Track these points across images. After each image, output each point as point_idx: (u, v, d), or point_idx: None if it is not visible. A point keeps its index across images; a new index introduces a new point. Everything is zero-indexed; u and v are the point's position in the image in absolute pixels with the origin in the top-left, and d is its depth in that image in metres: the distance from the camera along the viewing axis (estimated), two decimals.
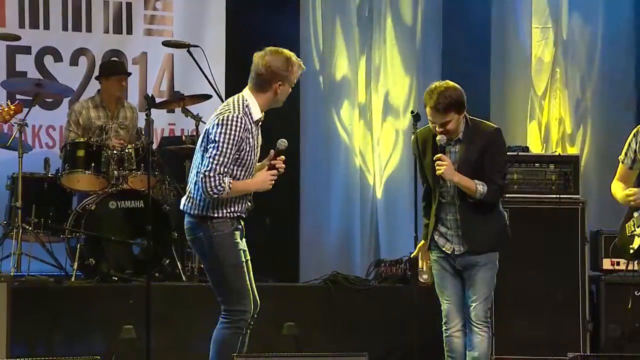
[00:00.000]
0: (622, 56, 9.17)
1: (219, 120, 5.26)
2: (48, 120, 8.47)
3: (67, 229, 7.46)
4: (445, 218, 5.85)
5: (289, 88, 5.43)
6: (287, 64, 5.39)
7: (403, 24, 9.16)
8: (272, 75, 5.37)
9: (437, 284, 5.97)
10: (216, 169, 5.18)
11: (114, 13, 8.63)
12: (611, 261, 7.54)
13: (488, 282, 5.85)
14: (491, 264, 5.87)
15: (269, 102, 5.41)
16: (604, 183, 8.70)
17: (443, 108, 5.71)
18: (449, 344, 5.93)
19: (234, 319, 5.33)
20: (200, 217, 5.31)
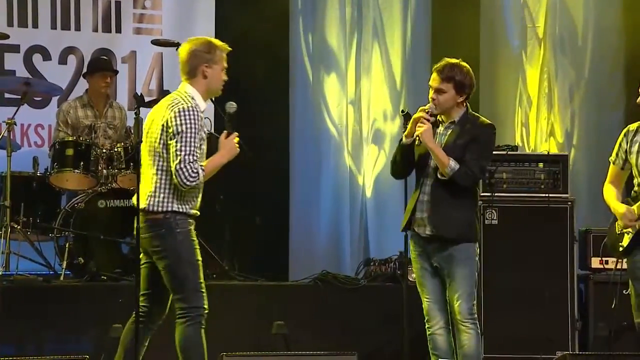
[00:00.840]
0: (610, 56, 9.18)
1: (175, 113, 5.30)
2: (37, 119, 8.44)
3: (56, 227, 7.44)
4: (421, 200, 5.85)
5: (220, 72, 5.50)
6: (208, 46, 5.47)
7: (392, 24, 9.14)
8: (196, 59, 5.43)
9: (418, 282, 5.96)
10: (186, 158, 5.24)
11: (103, 12, 8.60)
12: (600, 260, 7.54)
13: (467, 278, 5.81)
14: (469, 260, 5.81)
15: (204, 88, 5.47)
16: (592, 182, 8.73)
17: (444, 75, 5.76)
18: (432, 341, 5.90)
19: (192, 315, 5.35)
20: (162, 214, 5.33)
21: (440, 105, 5.80)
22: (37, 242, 7.53)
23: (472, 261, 5.83)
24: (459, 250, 5.80)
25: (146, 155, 5.41)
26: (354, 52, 9.09)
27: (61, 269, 7.31)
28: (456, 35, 8.85)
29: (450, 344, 5.89)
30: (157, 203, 5.34)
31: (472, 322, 5.82)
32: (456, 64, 5.83)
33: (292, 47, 8.98)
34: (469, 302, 5.81)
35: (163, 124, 5.32)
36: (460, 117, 5.85)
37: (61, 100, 8.28)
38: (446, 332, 5.86)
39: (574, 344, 7.31)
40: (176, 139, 5.27)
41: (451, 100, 5.82)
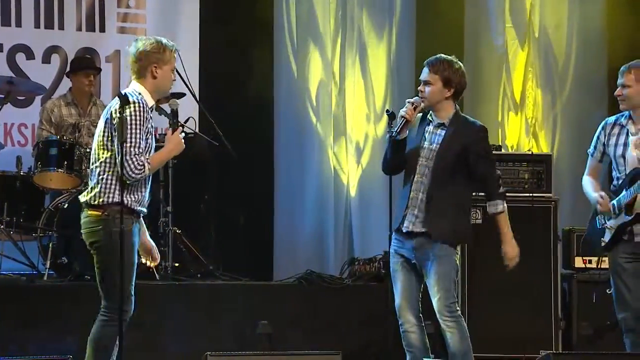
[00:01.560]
0: (593, 55, 9.20)
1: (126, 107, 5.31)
2: (20, 118, 8.39)
3: (40, 227, 7.40)
4: (413, 197, 5.82)
5: (169, 72, 5.50)
6: (158, 46, 5.46)
7: (376, 26, 9.12)
8: (146, 59, 5.44)
9: (392, 276, 5.91)
10: (131, 151, 5.25)
11: (86, 11, 8.56)
12: (583, 259, 7.56)
13: (445, 276, 5.76)
14: (447, 259, 5.77)
15: (153, 87, 5.46)
16: (576, 181, 8.68)
17: (432, 67, 5.78)
18: (405, 339, 5.84)
19: (112, 317, 5.35)
20: (102, 208, 5.33)
21: (427, 97, 5.80)
22: (20, 242, 7.48)
23: (450, 261, 5.80)
24: (439, 249, 5.78)
25: (94, 150, 5.45)
26: (339, 51, 9.06)
27: (45, 268, 7.27)
28: (440, 35, 8.84)
29: (424, 341, 5.85)
30: (97, 196, 5.35)
31: (452, 319, 5.78)
32: (447, 60, 5.84)
33: (276, 46, 8.95)
34: (446, 299, 5.77)
35: (107, 118, 5.37)
36: (451, 119, 5.84)
37: (45, 99, 8.24)
38: (419, 330, 5.82)
39: (558, 343, 7.32)
40: (121, 133, 5.27)
41: (438, 93, 5.81)
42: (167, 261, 7.56)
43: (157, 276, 7.42)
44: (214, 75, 8.68)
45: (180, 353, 6.84)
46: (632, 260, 5.89)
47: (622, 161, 5.94)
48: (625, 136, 5.96)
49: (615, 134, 5.99)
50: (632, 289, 5.87)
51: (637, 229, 5.86)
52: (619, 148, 5.95)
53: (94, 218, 5.36)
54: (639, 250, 5.87)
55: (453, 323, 5.75)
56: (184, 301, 7.26)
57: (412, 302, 5.83)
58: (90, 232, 5.38)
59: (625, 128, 5.97)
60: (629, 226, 5.87)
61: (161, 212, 7.71)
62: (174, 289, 7.37)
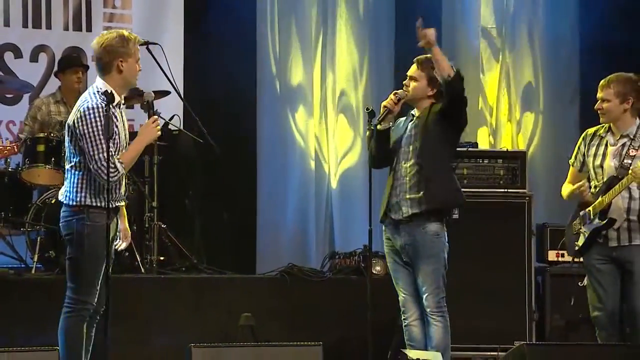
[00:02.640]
0: (566, 54, 9.23)
1: (80, 114, 5.31)
2: (8, 115, 8.37)
3: (28, 222, 7.38)
4: (395, 185, 5.86)
5: (135, 64, 5.44)
6: (122, 40, 5.40)
7: (355, 27, 9.13)
8: (111, 54, 5.38)
9: (392, 276, 6.00)
10: (101, 157, 5.24)
11: (73, 10, 8.53)
12: (556, 253, 7.62)
13: (434, 273, 5.84)
14: (435, 256, 5.85)
15: (119, 82, 5.41)
16: (550, 177, 8.80)
17: (420, 65, 5.89)
18: (408, 333, 5.94)
19: (77, 308, 5.36)
20: (76, 207, 5.36)
21: (411, 92, 5.87)
22: (8, 236, 7.47)
23: (440, 257, 5.86)
24: (426, 245, 5.83)
25: (67, 152, 5.47)
26: (320, 50, 9.07)
27: (32, 262, 7.24)
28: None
29: (425, 335, 5.92)
30: (71, 197, 5.38)
31: (439, 315, 5.85)
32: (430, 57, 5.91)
33: (259, 44, 8.94)
34: (435, 296, 5.84)
35: (70, 124, 5.36)
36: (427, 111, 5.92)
37: (32, 97, 8.21)
38: (421, 324, 5.89)
39: (531, 334, 7.34)
40: (84, 141, 5.29)
41: (422, 90, 5.89)
42: (152, 255, 7.55)
43: (143, 269, 7.43)
44: (198, 74, 8.68)
45: (164, 345, 6.84)
46: (606, 262, 5.95)
47: (600, 171, 5.99)
48: (604, 147, 6.00)
49: (594, 145, 6.04)
50: (607, 289, 5.92)
51: (611, 234, 5.92)
52: (598, 158, 6.00)
53: (69, 212, 5.40)
54: (612, 254, 5.93)
55: (440, 318, 5.84)
56: (169, 294, 7.26)
57: (415, 297, 5.89)
58: (64, 225, 5.42)
59: (605, 139, 6.02)
60: (603, 230, 5.92)
61: (146, 207, 7.70)
62: (159, 282, 7.37)
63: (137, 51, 5.48)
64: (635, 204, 5.90)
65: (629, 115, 5.96)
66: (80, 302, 5.36)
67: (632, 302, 5.87)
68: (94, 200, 5.36)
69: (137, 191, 7.65)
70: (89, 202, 5.34)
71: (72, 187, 5.39)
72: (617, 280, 5.92)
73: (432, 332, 5.85)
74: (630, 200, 5.90)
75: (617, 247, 5.92)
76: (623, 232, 5.91)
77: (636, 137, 5.93)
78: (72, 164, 5.41)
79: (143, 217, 7.68)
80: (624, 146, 5.94)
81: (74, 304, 5.37)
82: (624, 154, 5.90)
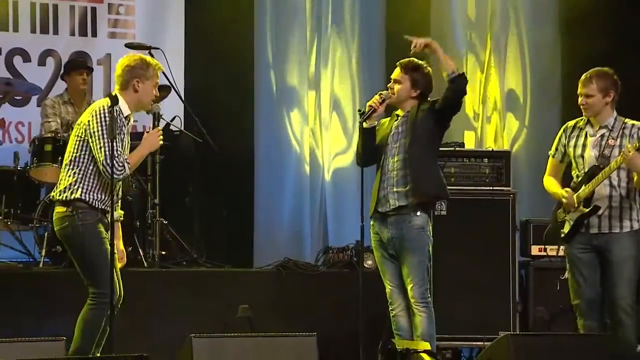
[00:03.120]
0: (548, 55, 9.22)
1: (94, 112, 5.38)
2: (17, 116, 8.35)
3: (36, 218, 7.36)
4: (383, 180, 5.86)
5: (150, 87, 5.52)
6: (142, 63, 5.51)
7: (346, 31, 9.10)
8: (130, 74, 5.48)
9: (380, 269, 6.01)
10: (108, 155, 5.27)
11: (79, 17, 8.52)
12: (539, 248, 7.58)
13: (418, 266, 5.84)
14: (420, 249, 5.85)
15: (133, 99, 5.51)
16: (533, 176, 8.79)
17: (403, 68, 5.91)
18: (395, 323, 5.93)
19: (99, 301, 5.38)
20: (67, 207, 5.38)
21: (395, 94, 5.88)
22: (17, 232, 7.46)
23: (424, 250, 5.86)
24: (411, 239, 5.82)
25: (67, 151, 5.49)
26: (314, 56, 9.05)
27: (40, 256, 7.22)
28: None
29: (412, 325, 5.91)
30: (63, 191, 5.40)
31: (424, 305, 5.84)
32: (418, 64, 5.93)
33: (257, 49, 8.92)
34: (420, 287, 5.83)
35: (85, 122, 5.41)
36: (415, 109, 5.92)
37: (40, 99, 8.20)
38: (407, 314, 5.89)
39: (515, 325, 7.32)
40: (94, 140, 5.34)
41: (405, 91, 5.91)
42: (154, 250, 7.53)
43: (145, 263, 7.41)
44: (198, 77, 8.65)
45: (166, 335, 6.82)
46: (587, 251, 5.93)
47: (581, 160, 5.99)
48: (584, 138, 6.01)
49: (574, 136, 6.05)
50: (587, 277, 5.91)
51: (592, 221, 5.91)
52: (578, 149, 6.01)
53: (60, 215, 5.43)
54: (593, 241, 5.91)
55: (424, 308, 5.83)
56: (170, 287, 7.24)
57: (402, 289, 5.88)
58: (59, 228, 5.46)
59: (584, 130, 6.02)
60: (586, 218, 5.91)
61: (149, 204, 7.68)
62: (161, 275, 7.35)
63: (156, 77, 5.57)
64: (616, 192, 5.89)
65: (608, 108, 5.97)
66: (100, 295, 5.39)
67: (610, 290, 5.85)
68: (85, 196, 5.37)
69: (140, 188, 7.63)
70: (79, 196, 5.36)
71: (63, 183, 5.42)
72: (596, 268, 5.91)
73: (417, 322, 5.85)
74: (611, 189, 5.90)
75: (597, 234, 5.91)
76: (604, 220, 5.90)
77: (614, 128, 5.94)
78: (70, 159, 5.44)
79: (145, 213, 7.66)
80: (603, 137, 5.95)
81: (98, 297, 5.41)
82: (603, 144, 5.91)
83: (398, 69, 5.96)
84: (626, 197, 5.87)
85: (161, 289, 7.19)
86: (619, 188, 5.88)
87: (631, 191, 5.90)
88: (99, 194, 5.41)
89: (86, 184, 5.40)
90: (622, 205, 5.87)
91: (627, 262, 5.83)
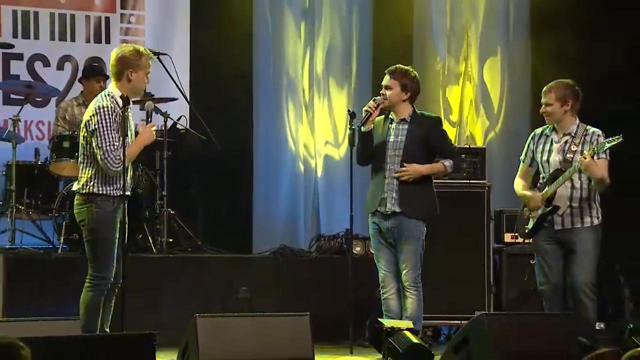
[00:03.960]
0: (520, 61, 9.21)
1: (94, 111, 5.34)
2: (38, 116, 8.33)
3: (54, 208, 7.36)
4: (388, 183, 5.89)
5: (143, 76, 5.45)
6: (135, 54, 5.42)
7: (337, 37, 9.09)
8: (123, 64, 5.40)
9: (375, 255, 6.02)
10: (108, 149, 5.27)
11: (94, 25, 8.50)
12: (511, 235, 7.62)
13: (414, 253, 5.88)
14: (417, 238, 5.90)
15: (128, 89, 5.42)
16: (505, 171, 8.80)
17: (392, 75, 5.93)
18: (386, 304, 5.94)
19: (96, 284, 5.38)
20: (87, 195, 5.38)
21: (387, 99, 5.90)
22: (38, 221, 7.45)
23: (420, 239, 5.91)
24: (410, 229, 5.86)
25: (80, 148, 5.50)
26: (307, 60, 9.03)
27: (59, 243, 7.22)
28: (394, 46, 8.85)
29: (401, 307, 5.93)
30: (83, 187, 5.40)
31: (415, 289, 5.88)
32: (405, 69, 5.98)
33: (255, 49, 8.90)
34: (414, 272, 5.87)
35: (86, 120, 5.39)
36: (411, 116, 5.95)
37: (59, 101, 8.18)
38: (397, 297, 5.91)
39: (490, 305, 7.36)
40: (95, 136, 5.32)
41: (397, 95, 5.93)
42: (162, 237, 7.53)
43: (154, 250, 7.41)
44: (202, 80, 8.65)
45: (173, 314, 6.83)
46: (551, 243, 5.97)
47: (546, 165, 6.02)
48: (549, 144, 6.04)
49: (542, 143, 6.08)
50: (552, 266, 5.95)
51: (555, 219, 5.94)
52: (545, 154, 6.04)
53: (80, 201, 5.43)
54: (557, 235, 5.95)
55: (416, 292, 5.87)
56: (177, 271, 7.25)
57: (394, 274, 5.91)
58: (78, 213, 5.46)
59: (550, 137, 6.04)
60: (549, 215, 5.94)
61: (157, 196, 7.68)
62: (168, 260, 7.36)
63: (148, 66, 5.49)
64: (577, 192, 5.92)
65: (569, 115, 5.99)
66: (99, 278, 5.38)
67: (574, 277, 5.89)
68: (101, 189, 5.36)
69: (149, 182, 7.63)
70: (96, 191, 5.36)
71: (83, 178, 5.42)
72: (560, 258, 5.95)
73: (407, 303, 5.86)
74: (572, 190, 5.92)
75: (561, 230, 5.94)
76: (566, 217, 5.93)
77: (577, 134, 5.97)
78: (84, 156, 5.44)
79: (154, 204, 7.66)
80: (567, 143, 5.97)
81: (94, 280, 5.40)
82: (566, 150, 5.93)
83: (387, 76, 5.96)
84: (586, 197, 5.91)
85: (168, 272, 7.19)
86: (580, 190, 5.91)
87: (592, 191, 5.93)
88: (113, 184, 5.40)
89: (101, 177, 5.38)
90: (581, 205, 5.90)
91: (588, 253, 5.87)
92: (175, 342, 5.40)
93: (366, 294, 6.67)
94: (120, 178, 5.40)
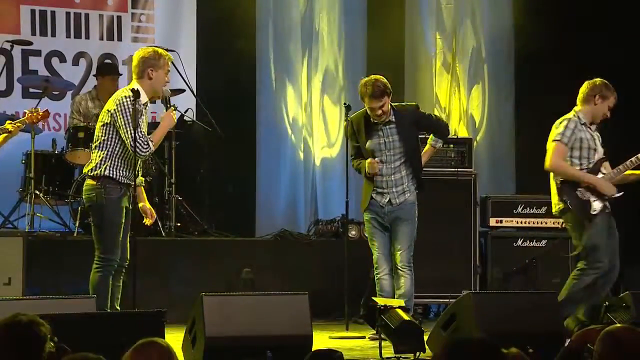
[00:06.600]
0: (503, 59, 9.20)
1: (118, 102, 5.38)
2: (55, 108, 8.30)
3: (70, 195, 7.37)
4: (383, 180, 5.91)
5: (163, 75, 5.50)
6: (155, 54, 5.49)
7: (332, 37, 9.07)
8: (144, 64, 5.46)
9: (370, 238, 6.02)
10: (137, 135, 5.31)
11: (107, 24, 8.50)
12: (496, 220, 7.64)
13: (409, 235, 5.90)
14: (411, 221, 5.92)
15: (148, 87, 5.49)
16: (490, 159, 8.83)
17: (379, 94, 5.78)
18: (380, 284, 5.95)
19: (103, 265, 5.40)
20: (96, 180, 5.38)
21: (387, 113, 5.87)
22: (55, 206, 7.47)
23: (413, 222, 5.93)
24: (404, 213, 5.88)
25: (95, 133, 5.52)
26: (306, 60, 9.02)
27: (75, 227, 7.24)
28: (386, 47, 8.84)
29: (393, 287, 5.94)
30: (94, 169, 5.41)
31: (409, 269, 5.90)
32: (374, 81, 5.85)
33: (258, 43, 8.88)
34: (408, 253, 5.89)
35: (108, 110, 5.42)
36: (393, 113, 5.93)
37: (74, 94, 8.18)
38: (390, 277, 5.92)
39: (476, 284, 7.38)
40: (121, 124, 5.34)
41: (388, 105, 5.90)
42: (170, 222, 7.54)
43: (163, 233, 7.42)
44: (208, 77, 8.64)
45: (180, 293, 6.86)
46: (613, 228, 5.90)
47: (593, 153, 5.89)
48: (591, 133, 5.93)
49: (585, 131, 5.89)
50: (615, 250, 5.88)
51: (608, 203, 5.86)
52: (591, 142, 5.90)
53: (90, 186, 5.43)
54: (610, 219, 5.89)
55: (409, 272, 5.90)
56: (184, 253, 7.27)
57: (387, 256, 5.93)
58: (87, 197, 5.47)
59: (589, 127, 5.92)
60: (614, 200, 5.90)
61: (166, 183, 7.69)
62: (177, 243, 7.38)
63: (167, 66, 5.54)
64: None
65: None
66: (106, 259, 5.39)
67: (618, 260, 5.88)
68: (111, 172, 5.38)
69: (159, 170, 7.63)
70: (107, 173, 5.37)
71: (94, 160, 5.43)
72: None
73: (401, 282, 5.87)
74: None
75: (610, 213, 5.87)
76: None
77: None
78: (98, 142, 5.44)
79: (163, 191, 7.67)
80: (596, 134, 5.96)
81: (101, 262, 5.41)
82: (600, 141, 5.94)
83: (375, 99, 5.80)
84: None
85: (177, 254, 7.21)
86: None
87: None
88: (123, 171, 5.42)
89: (112, 163, 5.40)
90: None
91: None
92: (183, 319, 5.42)
93: (361, 274, 6.68)
94: (126, 169, 5.42)
